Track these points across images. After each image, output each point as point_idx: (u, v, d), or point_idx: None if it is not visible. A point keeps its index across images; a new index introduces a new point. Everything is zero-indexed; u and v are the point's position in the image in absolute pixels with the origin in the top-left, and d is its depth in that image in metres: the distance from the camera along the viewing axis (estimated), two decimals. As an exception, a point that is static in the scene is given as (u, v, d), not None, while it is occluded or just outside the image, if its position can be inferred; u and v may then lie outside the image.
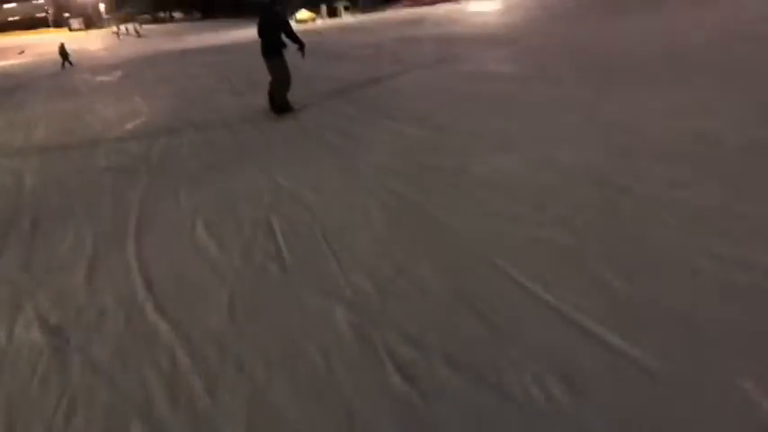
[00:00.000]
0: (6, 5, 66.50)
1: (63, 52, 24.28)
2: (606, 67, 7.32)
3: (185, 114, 8.28)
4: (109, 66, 21.12)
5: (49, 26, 60.58)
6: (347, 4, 57.01)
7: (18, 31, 60.62)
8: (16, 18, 66.10)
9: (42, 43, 48.18)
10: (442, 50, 11.58)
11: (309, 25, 41.81)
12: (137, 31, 54.05)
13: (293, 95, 7.38)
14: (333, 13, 55.84)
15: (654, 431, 1.63)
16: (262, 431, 1.86)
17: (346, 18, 51.53)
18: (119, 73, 17.26)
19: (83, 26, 61.34)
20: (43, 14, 62.11)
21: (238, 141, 6.24)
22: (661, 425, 1.65)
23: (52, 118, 9.65)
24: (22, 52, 45.25)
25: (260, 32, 7.10)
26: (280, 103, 7.30)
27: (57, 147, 7.36)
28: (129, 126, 7.88)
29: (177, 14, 79.78)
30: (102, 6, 66.99)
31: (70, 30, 60.15)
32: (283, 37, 7.00)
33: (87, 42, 46.72)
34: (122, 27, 55.17)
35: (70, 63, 24.26)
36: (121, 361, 2.35)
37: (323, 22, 47.78)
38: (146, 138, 6.93)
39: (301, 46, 7.02)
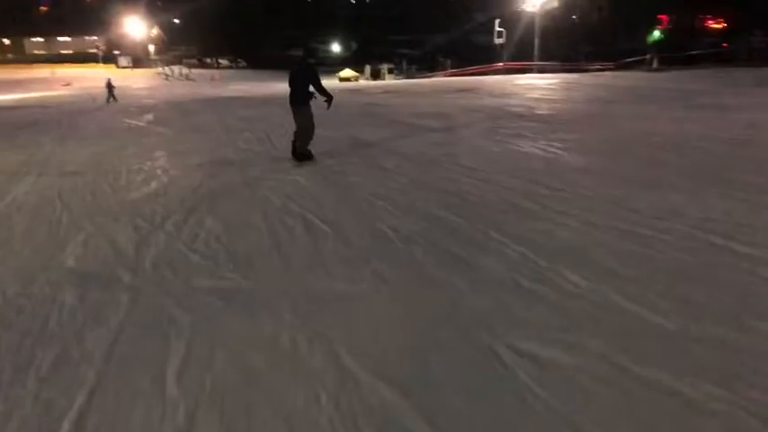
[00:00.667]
0: (61, 38, 68.59)
1: (110, 87, 25.47)
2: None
3: (210, 185, 6.39)
4: (142, 108, 19.93)
5: (98, 62, 61.68)
6: (391, 66, 57.03)
7: (69, 64, 62.01)
8: (69, 51, 67.93)
9: (88, 77, 48.73)
10: (511, 128, 9.69)
11: (352, 84, 41.34)
12: (186, 75, 54.40)
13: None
14: (376, 74, 55.84)
15: None
16: None
17: (389, 80, 51.29)
18: (150, 117, 15.85)
19: (130, 64, 62.36)
20: (94, 50, 63.46)
21: (276, 244, 4.23)
22: None
23: (47, 167, 7.93)
24: (68, 84, 45.84)
25: (291, 82, 7.35)
26: (301, 151, 7.39)
27: (26, 213, 5.50)
28: (132, 195, 5.99)
29: (223, 61, 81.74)
30: (151, 47, 68.59)
31: (117, 67, 61.18)
32: (312, 89, 7.16)
33: (131, 80, 47.00)
34: (167, 69, 55.90)
35: (114, 98, 25.11)
36: None
37: (366, 83, 47.48)
38: (148, 219, 4.99)
39: (329, 98, 7.19)
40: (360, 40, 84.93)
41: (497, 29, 37.50)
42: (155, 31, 72.25)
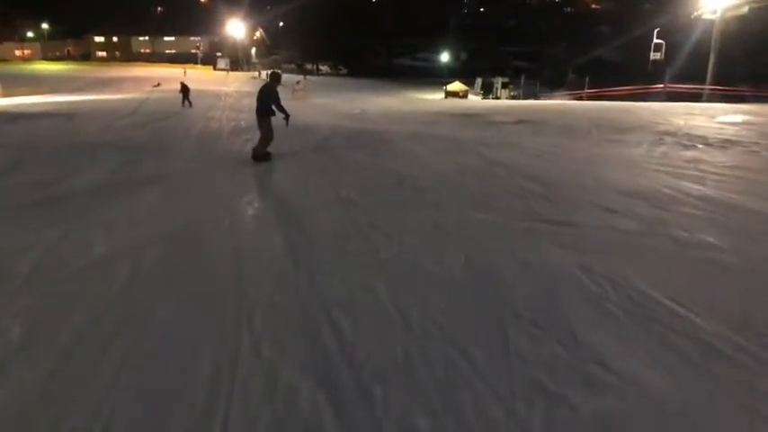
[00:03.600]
0: (166, 38, 68.26)
1: (184, 90, 24.19)
2: None
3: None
4: (209, 130, 14.96)
5: (197, 63, 60.22)
6: (506, 81, 49.46)
7: (169, 64, 61.03)
8: (173, 51, 67.44)
9: (181, 78, 46.42)
10: None
11: (460, 103, 34.03)
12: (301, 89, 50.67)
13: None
14: (488, 89, 48.79)
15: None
16: None
17: (504, 98, 44.30)
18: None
19: (227, 67, 60.24)
20: (195, 51, 62.24)
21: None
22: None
23: None
24: (158, 85, 43.77)
25: (257, 99, 8.89)
26: (260, 153, 8.76)
27: None
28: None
29: (324, 67, 78.65)
30: (253, 50, 66.50)
31: (215, 69, 59.26)
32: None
33: (224, 83, 43.96)
34: (263, 73, 52.73)
35: (190, 103, 23.54)
36: None
37: (477, 100, 41.00)
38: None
39: (286, 116, 8.75)
40: (470, 50, 78.72)
41: (656, 41, 29.57)
42: (258, 34, 70.31)
